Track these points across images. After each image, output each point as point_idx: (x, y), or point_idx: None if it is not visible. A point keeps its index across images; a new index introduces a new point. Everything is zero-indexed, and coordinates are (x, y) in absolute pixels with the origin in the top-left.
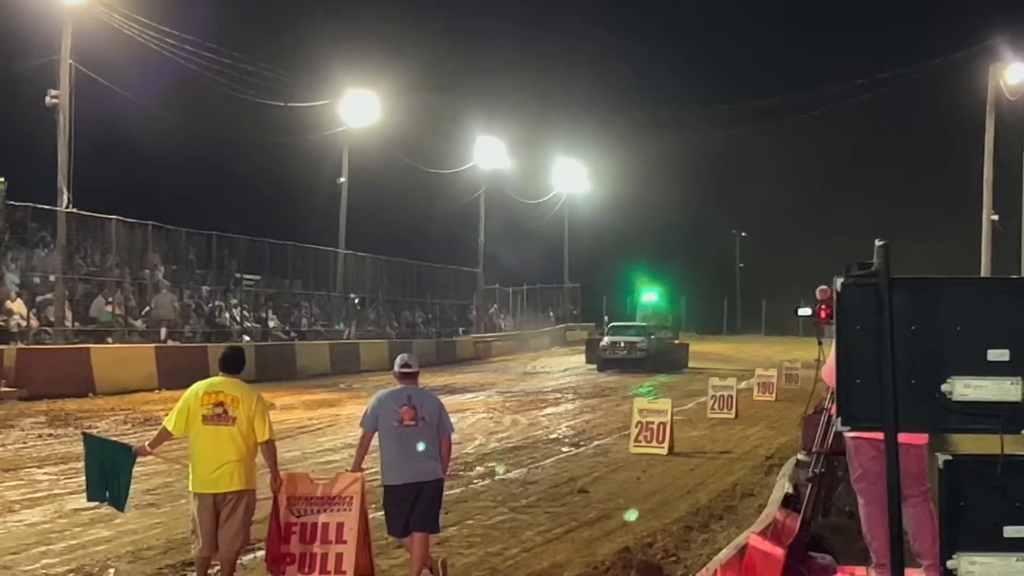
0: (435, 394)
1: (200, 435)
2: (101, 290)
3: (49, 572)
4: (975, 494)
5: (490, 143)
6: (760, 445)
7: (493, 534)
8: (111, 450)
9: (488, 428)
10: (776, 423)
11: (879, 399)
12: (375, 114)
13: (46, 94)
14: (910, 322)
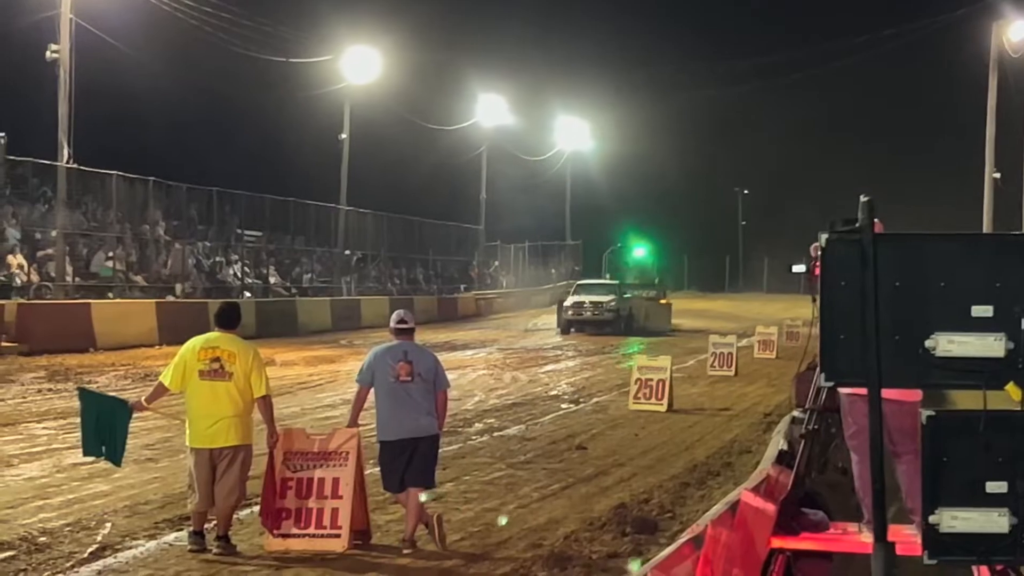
0: (432, 350)
1: (197, 390)
2: (102, 245)
3: (46, 526)
4: (958, 450)
5: (492, 100)
6: (759, 402)
7: (490, 490)
8: (107, 405)
9: (488, 385)
10: (776, 381)
11: (862, 355)
12: (376, 70)
13: (46, 49)
14: (894, 278)
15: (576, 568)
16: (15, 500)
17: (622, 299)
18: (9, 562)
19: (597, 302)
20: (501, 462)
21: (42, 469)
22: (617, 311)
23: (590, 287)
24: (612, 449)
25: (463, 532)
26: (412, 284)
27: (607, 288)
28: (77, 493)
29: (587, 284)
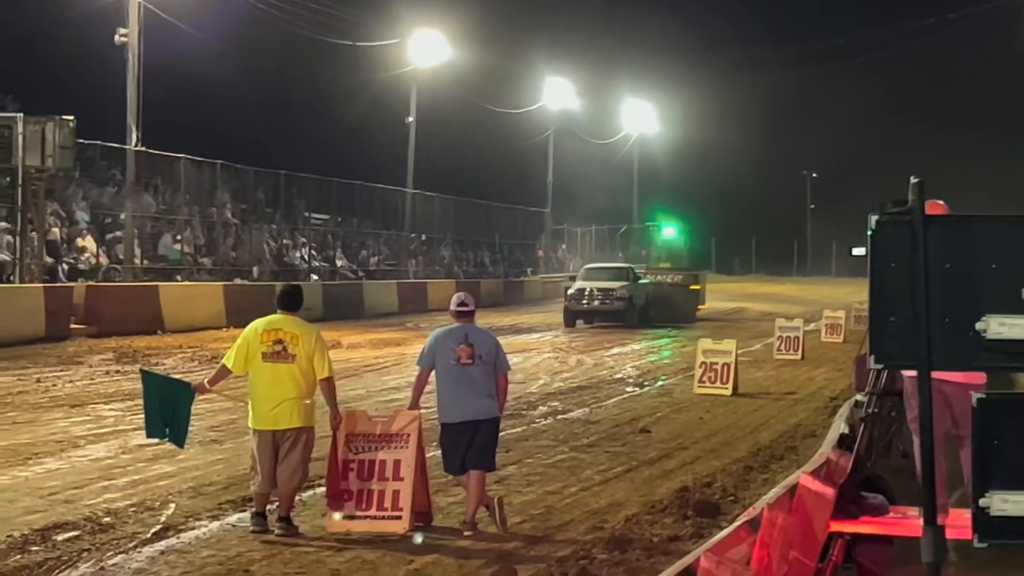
0: (497, 333)
1: (260, 372)
2: (170, 228)
3: (111, 507)
4: (1009, 433)
5: (559, 83)
6: (825, 387)
7: (552, 473)
8: (170, 387)
9: (553, 368)
10: (843, 365)
11: (912, 337)
12: (443, 54)
13: (115, 32)
14: (945, 260)
15: (637, 551)
16: (81, 480)
17: (636, 285)
18: (73, 542)
19: (606, 289)
20: (564, 445)
21: (108, 450)
22: (629, 299)
23: (598, 272)
24: (676, 432)
25: (524, 514)
26: (479, 267)
27: (617, 272)
28: (142, 474)
29: (595, 268)
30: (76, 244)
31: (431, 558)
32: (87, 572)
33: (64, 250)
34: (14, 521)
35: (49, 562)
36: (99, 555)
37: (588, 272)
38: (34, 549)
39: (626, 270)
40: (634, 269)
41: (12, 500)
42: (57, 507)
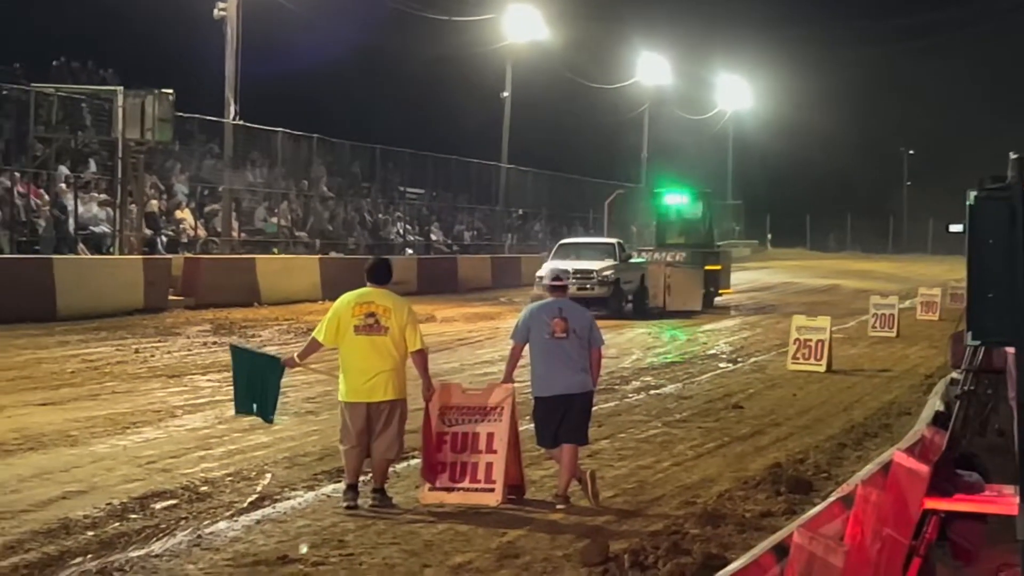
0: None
1: (352, 346)
2: (267, 201)
3: (208, 476)
4: None
5: (653, 59)
6: (920, 364)
7: (645, 447)
8: (259, 362)
9: (646, 343)
10: (938, 342)
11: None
12: (538, 29)
13: (214, 7)
14: None
15: (729, 526)
16: (178, 450)
17: (626, 265)
18: (171, 510)
19: (585, 271)
20: (657, 420)
21: (205, 420)
22: (615, 283)
23: (576, 249)
24: (769, 409)
25: (617, 489)
26: None
27: (601, 249)
28: (238, 444)
29: (572, 244)
30: (175, 216)
31: (523, 531)
32: (185, 540)
33: (163, 222)
34: (113, 489)
35: (147, 530)
36: (196, 523)
37: (563, 249)
38: (133, 517)
39: (611, 246)
40: (623, 244)
41: (111, 468)
42: (155, 476)
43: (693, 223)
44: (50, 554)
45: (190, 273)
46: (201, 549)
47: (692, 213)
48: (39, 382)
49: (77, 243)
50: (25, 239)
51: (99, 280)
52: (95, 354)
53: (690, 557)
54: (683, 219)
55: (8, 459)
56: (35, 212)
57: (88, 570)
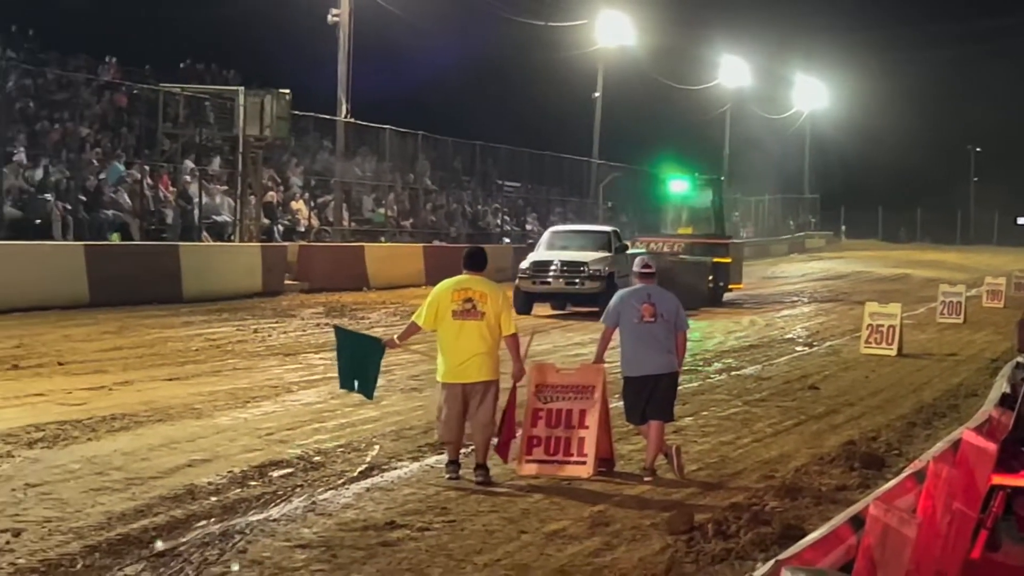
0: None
1: (450, 329)
2: (375, 193)
3: (321, 447)
4: None
5: (734, 62)
6: (986, 349)
7: (726, 425)
8: (361, 342)
9: (727, 327)
10: (1003, 328)
11: None
12: (627, 34)
13: (328, 12)
14: None
15: (806, 499)
16: (294, 423)
17: (621, 257)
18: (287, 478)
19: (575, 263)
20: (737, 399)
21: (318, 395)
22: (608, 277)
23: (567, 237)
24: (843, 389)
25: (700, 463)
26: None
27: (594, 239)
28: (349, 418)
29: (563, 232)
30: (290, 207)
31: (613, 501)
32: (300, 506)
33: (279, 212)
34: (234, 458)
35: (266, 496)
36: (311, 491)
37: (553, 237)
38: (252, 484)
39: (605, 235)
40: (618, 234)
41: (232, 439)
42: (273, 446)
43: (701, 211)
44: (177, 517)
45: (304, 259)
46: (315, 514)
47: (700, 201)
48: (166, 359)
49: (201, 231)
50: (154, 227)
51: (221, 266)
52: (217, 334)
53: (770, 527)
54: (690, 207)
55: (138, 429)
56: (163, 203)
57: (212, 532)
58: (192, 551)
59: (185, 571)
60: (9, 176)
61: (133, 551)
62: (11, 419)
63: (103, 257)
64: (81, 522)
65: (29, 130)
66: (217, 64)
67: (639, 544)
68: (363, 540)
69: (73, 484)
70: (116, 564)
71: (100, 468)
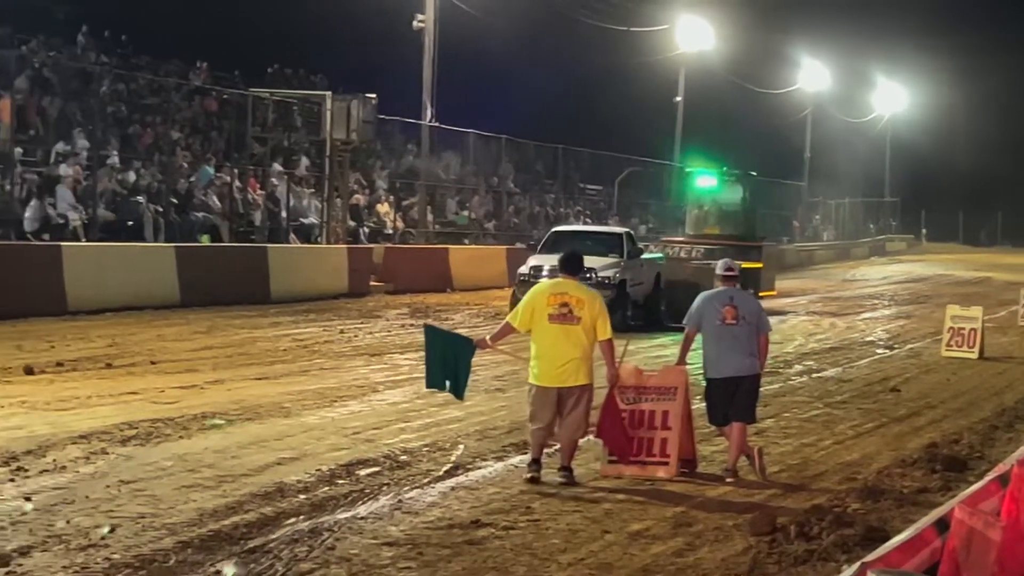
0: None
1: (545, 333)
2: (458, 196)
3: (407, 446)
4: None
5: (815, 66)
6: None
7: (808, 427)
8: (451, 342)
9: (808, 330)
10: None
11: None
12: (708, 38)
13: (413, 18)
14: None
15: (888, 501)
16: (380, 422)
17: (636, 263)
18: (374, 477)
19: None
20: (819, 401)
21: (404, 395)
22: (619, 286)
23: (574, 240)
24: (924, 392)
25: (782, 464)
26: None
27: (604, 242)
28: (434, 418)
29: (568, 233)
30: (376, 210)
31: (696, 502)
32: (387, 504)
33: (365, 215)
34: (322, 457)
35: (353, 494)
36: (397, 489)
37: (557, 239)
38: (340, 482)
39: (616, 238)
40: (631, 236)
41: (320, 438)
42: (360, 445)
43: (730, 211)
44: (267, 515)
45: (389, 261)
46: (402, 513)
47: (730, 199)
48: (255, 358)
49: (289, 233)
50: (243, 229)
51: (308, 267)
52: (304, 334)
53: (852, 529)
54: (718, 206)
55: (228, 428)
56: (251, 205)
57: (301, 530)
58: (282, 547)
59: (275, 567)
60: (103, 179)
61: (224, 547)
62: (105, 417)
63: (193, 258)
64: (174, 518)
65: (122, 134)
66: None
67: (722, 545)
68: (449, 538)
69: (166, 481)
70: (208, 560)
71: (192, 465)
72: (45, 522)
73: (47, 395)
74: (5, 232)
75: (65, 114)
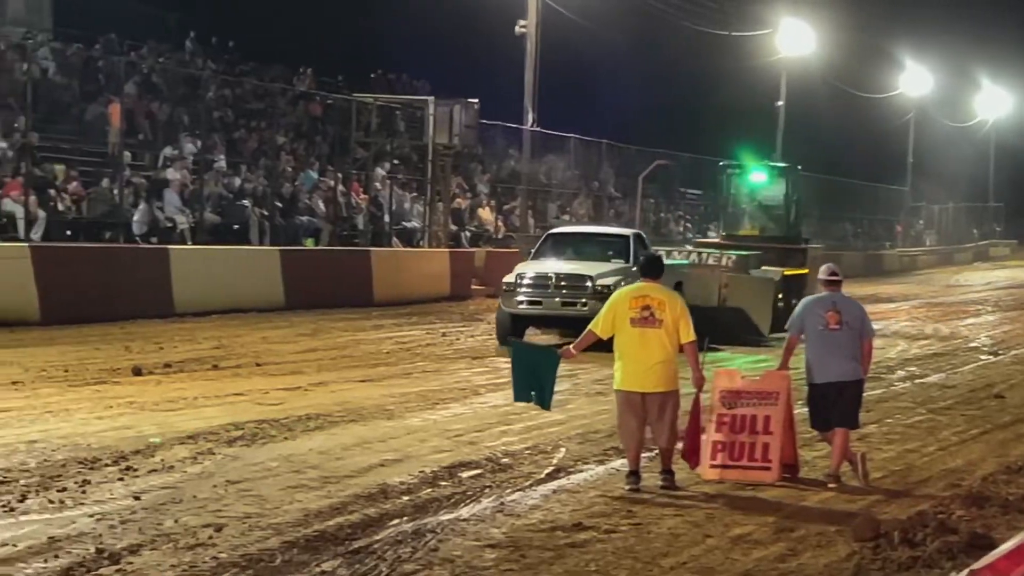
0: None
1: (628, 337)
2: (559, 200)
3: (508, 449)
4: None
5: (917, 70)
6: None
7: (911, 432)
8: (536, 355)
9: (910, 335)
10: None
11: None
12: (809, 42)
13: (516, 24)
14: None
15: (993, 508)
16: (482, 424)
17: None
18: (476, 479)
19: (575, 276)
20: (922, 407)
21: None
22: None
23: (573, 243)
24: None
25: (885, 470)
26: (840, 241)
27: (608, 245)
28: (535, 421)
29: (567, 235)
30: (477, 214)
31: (798, 507)
32: (489, 506)
33: (467, 218)
34: (425, 459)
35: (456, 496)
36: (499, 491)
37: (553, 243)
38: (442, 484)
39: (623, 241)
40: (643, 238)
41: (423, 440)
42: (462, 447)
43: (773, 210)
44: (371, 516)
45: (491, 265)
46: (504, 515)
47: (772, 196)
48: (358, 361)
49: (391, 237)
50: (346, 233)
51: (410, 270)
52: (407, 337)
53: (957, 536)
54: (758, 204)
55: (332, 429)
56: (355, 209)
57: (404, 531)
58: (386, 548)
59: (379, 568)
60: (209, 182)
61: (330, 547)
62: (211, 417)
63: (298, 261)
64: (279, 518)
65: (228, 138)
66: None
67: (824, 550)
68: (551, 541)
69: (271, 482)
70: (314, 560)
71: (297, 466)
72: (154, 521)
73: (155, 396)
74: (114, 235)
75: (173, 119)
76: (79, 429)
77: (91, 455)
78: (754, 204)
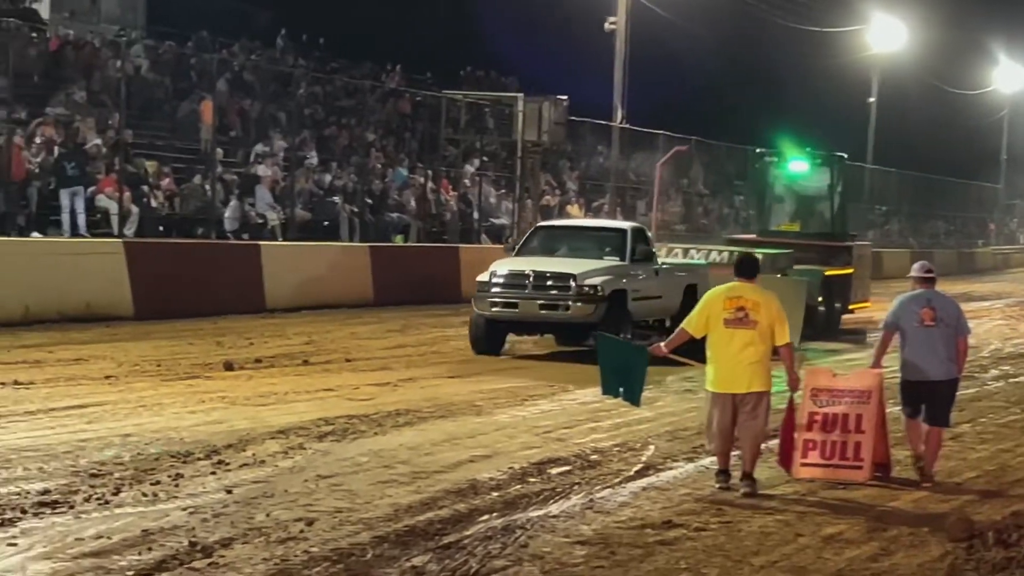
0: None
1: (721, 338)
2: (647, 197)
3: (597, 446)
4: None
5: (1011, 66)
6: None
7: (1004, 432)
8: (625, 350)
9: (1004, 334)
10: None
11: None
12: (901, 38)
13: (605, 21)
14: None
15: None
16: (571, 422)
17: (644, 269)
18: (565, 475)
19: (556, 275)
20: (1016, 407)
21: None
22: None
23: (562, 237)
24: None
25: (978, 470)
26: (932, 239)
27: (602, 240)
28: (624, 418)
29: (556, 229)
30: (566, 211)
31: (890, 506)
32: (578, 503)
33: (555, 215)
34: (514, 455)
35: (545, 492)
36: (588, 488)
37: (540, 237)
38: (531, 480)
39: (619, 236)
40: (643, 233)
41: (512, 436)
42: (551, 444)
43: (815, 202)
44: (460, 511)
45: None
46: (593, 512)
47: (815, 187)
48: (447, 357)
49: (480, 233)
50: (435, 229)
51: None
52: None
53: None
54: (799, 196)
55: (422, 425)
56: (444, 205)
57: (494, 527)
58: (476, 544)
59: (469, 563)
60: (300, 179)
61: (420, 542)
62: (302, 413)
63: (387, 258)
64: (370, 513)
65: (318, 135)
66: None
67: (917, 550)
68: (641, 538)
69: (361, 476)
70: (404, 555)
71: (387, 461)
72: (245, 515)
73: (246, 391)
74: (206, 231)
75: (264, 116)
76: (172, 423)
77: (184, 449)
78: (793, 197)
